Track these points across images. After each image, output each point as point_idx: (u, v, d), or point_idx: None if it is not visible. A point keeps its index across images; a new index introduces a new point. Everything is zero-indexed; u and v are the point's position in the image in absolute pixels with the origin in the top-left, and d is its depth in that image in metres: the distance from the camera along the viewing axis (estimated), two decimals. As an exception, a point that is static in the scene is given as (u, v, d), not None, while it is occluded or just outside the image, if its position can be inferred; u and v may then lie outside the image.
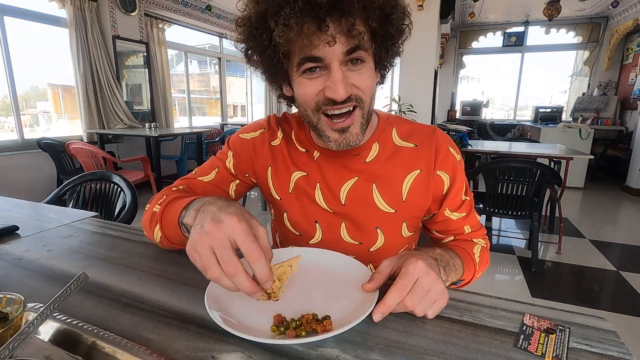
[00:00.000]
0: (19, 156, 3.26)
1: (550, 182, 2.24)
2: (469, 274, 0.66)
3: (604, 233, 3.03)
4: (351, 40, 0.51)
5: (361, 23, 0.52)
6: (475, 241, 0.72)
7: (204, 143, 4.47)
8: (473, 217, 0.72)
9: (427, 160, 0.66)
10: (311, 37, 0.50)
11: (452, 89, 6.87)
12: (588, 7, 5.22)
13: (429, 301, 0.47)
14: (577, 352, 0.41)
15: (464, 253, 0.67)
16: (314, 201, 0.70)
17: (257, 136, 0.74)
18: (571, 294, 2.04)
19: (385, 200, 0.68)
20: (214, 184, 0.74)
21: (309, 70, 0.55)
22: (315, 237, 0.72)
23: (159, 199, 0.64)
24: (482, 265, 0.71)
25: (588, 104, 5.60)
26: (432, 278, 0.47)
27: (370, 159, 0.68)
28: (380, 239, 0.70)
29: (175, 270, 0.61)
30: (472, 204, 0.72)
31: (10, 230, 0.77)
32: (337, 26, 0.50)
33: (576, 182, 4.39)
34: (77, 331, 0.41)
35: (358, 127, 0.59)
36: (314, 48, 0.52)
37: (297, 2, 0.48)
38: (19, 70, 3.29)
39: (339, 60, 0.53)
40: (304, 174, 0.71)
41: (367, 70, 0.56)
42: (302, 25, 0.48)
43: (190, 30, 5.19)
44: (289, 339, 0.40)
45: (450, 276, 0.60)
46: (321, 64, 0.54)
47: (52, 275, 0.59)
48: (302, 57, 0.54)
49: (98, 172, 1.33)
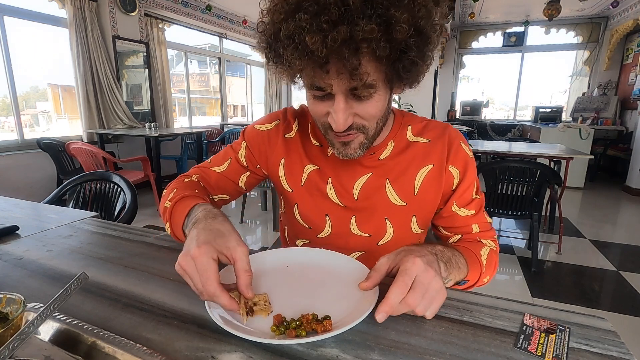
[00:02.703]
0: (19, 156, 3.25)
1: (550, 182, 2.24)
2: (474, 275, 0.63)
3: (604, 233, 3.03)
4: (353, 81, 0.49)
5: (371, 61, 0.49)
6: (483, 242, 0.70)
7: (204, 143, 4.47)
8: (482, 217, 0.70)
9: (439, 155, 0.67)
10: (315, 73, 0.50)
11: (452, 89, 6.87)
12: (588, 7, 5.22)
13: (429, 299, 0.45)
14: (577, 352, 0.41)
15: (469, 253, 0.64)
16: (326, 195, 0.71)
17: (272, 128, 0.74)
18: (571, 294, 2.04)
19: (397, 193, 0.68)
20: (225, 175, 0.75)
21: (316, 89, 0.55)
22: (324, 231, 0.73)
23: (172, 190, 0.66)
24: (490, 269, 0.67)
25: (588, 104, 5.60)
26: (430, 275, 0.46)
27: (384, 156, 0.69)
28: (389, 232, 0.70)
29: (175, 270, 0.61)
30: (482, 203, 0.71)
31: (10, 230, 0.77)
32: (340, 66, 0.48)
33: (576, 182, 4.39)
34: (77, 331, 0.41)
35: (357, 144, 0.60)
36: (319, 80, 0.52)
37: (298, 47, 0.47)
38: (19, 70, 3.29)
39: (343, 93, 0.53)
40: (317, 167, 0.72)
41: (374, 100, 0.54)
42: (305, 65, 0.48)
43: (190, 30, 5.19)
44: (289, 339, 0.40)
45: (452, 274, 0.57)
46: (326, 91, 0.54)
47: (52, 275, 0.59)
48: (309, 83, 0.54)
49: (98, 172, 1.33)
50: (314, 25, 0.45)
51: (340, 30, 0.44)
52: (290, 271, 0.58)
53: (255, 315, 0.46)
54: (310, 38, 0.45)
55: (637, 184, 4.21)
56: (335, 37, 0.44)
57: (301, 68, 0.49)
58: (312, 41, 0.45)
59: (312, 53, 0.46)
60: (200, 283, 0.44)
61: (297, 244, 0.78)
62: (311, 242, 0.76)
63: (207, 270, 0.44)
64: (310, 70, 0.50)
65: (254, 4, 2.53)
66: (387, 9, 0.45)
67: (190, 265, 0.45)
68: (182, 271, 0.46)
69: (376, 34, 0.44)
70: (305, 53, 0.46)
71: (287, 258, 0.61)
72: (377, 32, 0.44)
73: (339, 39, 0.44)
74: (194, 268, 0.45)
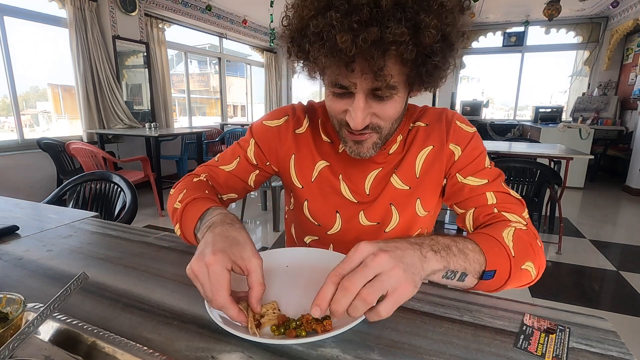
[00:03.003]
0: (19, 156, 3.25)
1: (550, 182, 2.24)
2: (499, 261, 0.49)
3: (604, 233, 3.03)
4: (377, 81, 0.50)
5: (396, 63, 0.50)
6: (507, 217, 0.59)
7: (204, 143, 4.47)
8: (499, 186, 0.63)
9: (439, 136, 0.68)
10: (340, 71, 0.51)
11: (452, 89, 6.87)
12: (588, 7, 5.21)
13: (378, 289, 0.38)
14: (577, 352, 0.41)
15: (483, 237, 0.52)
16: (338, 192, 0.71)
17: (281, 124, 0.74)
18: (571, 294, 2.04)
19: (401, 179, 0.69)
20: (234, 173, 0.75)
21: (338, 87, 0.55)
22: (334, 228, 0.73)
23: (181, 190, 0.65)
24: (526, 253, 0.53)
25: (588, 104, 5.59)
26: (382, 260, 0.38)
27: (393, 151, 0.70)
28: (395, 218, 0.70)
29: (175, 270, 0.61)
30: (497, 173, 0.65)
31: (10, 230, 0.77)
32: (366, 66, 0.49)
33: (576, 182, 4.39)
34: (77, 331, 0.41)
35: (370, 144, 0.61)
36: (343, 78, 0.52)
37: (326, 44, 0.47)
38: (19, 70, 3.29)
39: (364, 92, 0.53)
40: (328, 164, 0.72)
41: (393, 101, 0.55)
42: (331, 62, 0.49)
43: (190, 30, 5.19)
44: (289, 339, 0.40)
45: (454, 263, 0.46)
46: (348, 89, 0.54)
47: (52, 275, 0.59)
48: (331, 80, 0.55)
49: (98, 172, 1.33)
50: (345, 24, 0.45)
51: (372, 32, 0.44)
52: (290, 271, 0.58)
53: (264, 327, 0.44)
54: (341, 37, 0.45)
55: (637, 184, 4.21)
56: (365, 37, 0.44)
57: (326, 65, 0.50)
58: (342, 40, 0.45)
59: (341, 51, 0.46)
60: (210, 291, 0.43)
61: (306, 241, 0.78)
62: (320, 239, 0.76)
63: (220, 280, 0.43)
64: (336, 68, 0.51)
65: (254, 4, 2.56)
66: (417, 14, 0.45)
67: (203, 272, 0.43)
68: (194, 276, 0.44)
69: (406, 37, 0.45)
70: (333, 51, 0.47)
71: (287, 258, 0.61)
72: (406, 35, 0.45)
73: (369, 39, 0.45)
74: (207, 276, 0.43)
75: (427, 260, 0.43)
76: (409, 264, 0.40)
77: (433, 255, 0.43)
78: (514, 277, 0.51)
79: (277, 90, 7.02)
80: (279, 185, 2.83)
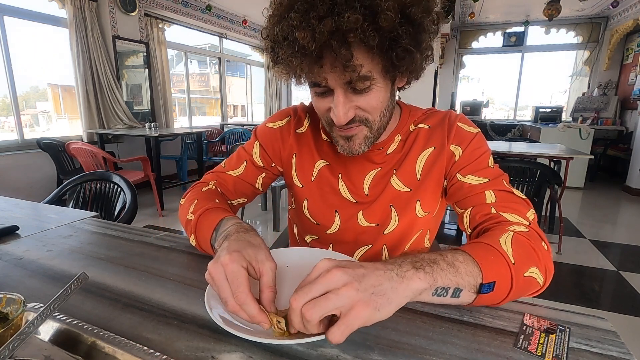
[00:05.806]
0: (19, 156, 3.25)
1: (550, 182, 2.24)
2: (496, 271, 0.45)
3: (604, 233, 3.03)
4: (348, 73, 0.50)
5: (363, 52, 0.50)
6: (505, 217, 0.56)
7: (204, 143, 4.47)
8: (501, 185, 0.61)
9: (440, 138, 0.67)
10: (311, 69, 0.52)
11: (452, 89, 6.87)
12: (588, 7, 5.22)
13: (321, 307, 0.35)
14: (577, 352, 0.41)
15: (476, 246, 0.48)
16: (337, 191, 0.71)
17: (284, 125, 0.75)
18: (571, 294, 2.04)
19: (401, 181, 0.69)
20: (242, 178, 0.75)
21: (317, 87, 0.56)
22: (333, 227, 0.73)
23: (192, 201, 0.65)
24: (528, 259, 0.49)
25: (588, 104, 5.60)
26: (334, 276, 0.36)
27: (391, 150, 0.70)
28: (394, 220, 0.70)
29: (175, 270, 0.61)
30: (499, 173, 0.63)
31: (10, 230, 0.77)
32: (333, 60, 0.50)
33: (576, 182, 4.38)
34: (77, 331, 0.41)
35: (362, 138, 0.61)
36: (315, 75, 0.53)
37: (291, 45, 0.49)
38: (19, 70, 3.29)
39: (341, 86, 0.54)
40: (327, 163, 0.72)
41: (374, 91, 0.55)
42: (300, 63, 0.50)
43: (190, 30, 5.19)
44: (289, 339, 0.40)
45: (442, 278, 0.42)
46: (326, 86, 0.55)
47: (52, 275, 0.59)
48: (309, 80, 0.56)
49: (98, 172, 1.33)
50: (303, 22, 0.47)
51: (327, 23, 0.45)
52: (291, 271, 0.58)
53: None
54: (300, 34, 0.47)
55: (637, 184, 4.21)
56: (322, 30, 0.46)
57: (297, 65, 0.50)
58: (302, 37, 0.47)
59: (304, 49, 0.48)
60: (227, 291, 0.42)
61: (307, 240, 0.79)
62: (320, 238, 0.76)
63: (238, 277, 0.42)
64: (306, 67, 0.51)
65: (254, 4, 2.57)
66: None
67: (220, 272, 0.43)
68: (211, 279, 0.44)
69: (361, 23, 0.46)
70: (299, 50, 0.48)
71: (287, 258, 0.61)
72: (362, 21, 0.45)
73: (325, 31, 0.46)
74: (223, 275, 0.43)
75: (405, 280, 0.39)
76: (371, 284, 0.37)
77: (414, 274, 0.40)
78: (517, 287, 0.46)
79: (277, 91, 7.02)
80: (279, 186, 2.83)
